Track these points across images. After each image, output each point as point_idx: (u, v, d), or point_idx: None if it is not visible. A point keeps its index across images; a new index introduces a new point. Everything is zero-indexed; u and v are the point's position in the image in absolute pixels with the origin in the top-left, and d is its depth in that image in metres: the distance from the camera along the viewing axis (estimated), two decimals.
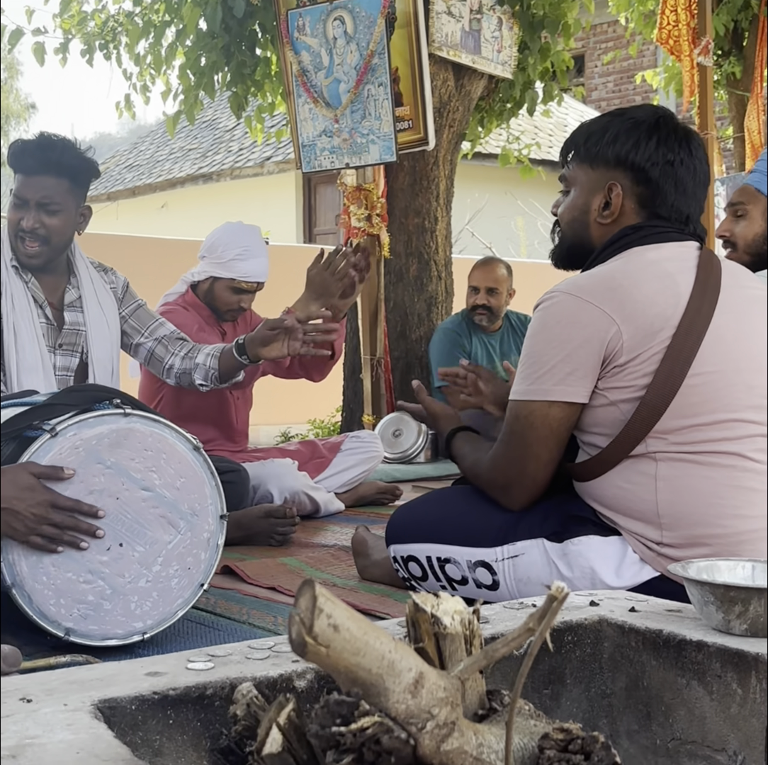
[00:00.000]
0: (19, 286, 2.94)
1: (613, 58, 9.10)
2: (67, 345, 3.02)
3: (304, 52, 5.29)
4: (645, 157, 2.06)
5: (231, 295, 3.80)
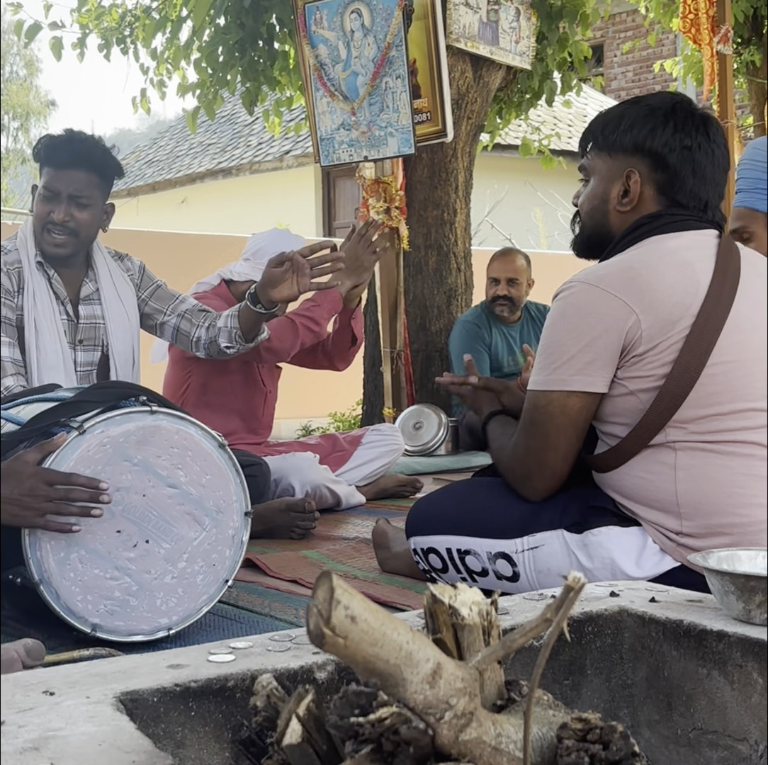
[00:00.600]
0: (41, 283, 2.95)
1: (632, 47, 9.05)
2: (87, 340, 3.03)
3: (322, 45, 5.29)
4: (662, 142, 2.06)
5: None
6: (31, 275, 2.94)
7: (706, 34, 5.72)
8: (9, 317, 2.90)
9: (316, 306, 3.71)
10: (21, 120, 27.53)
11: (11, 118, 27.41)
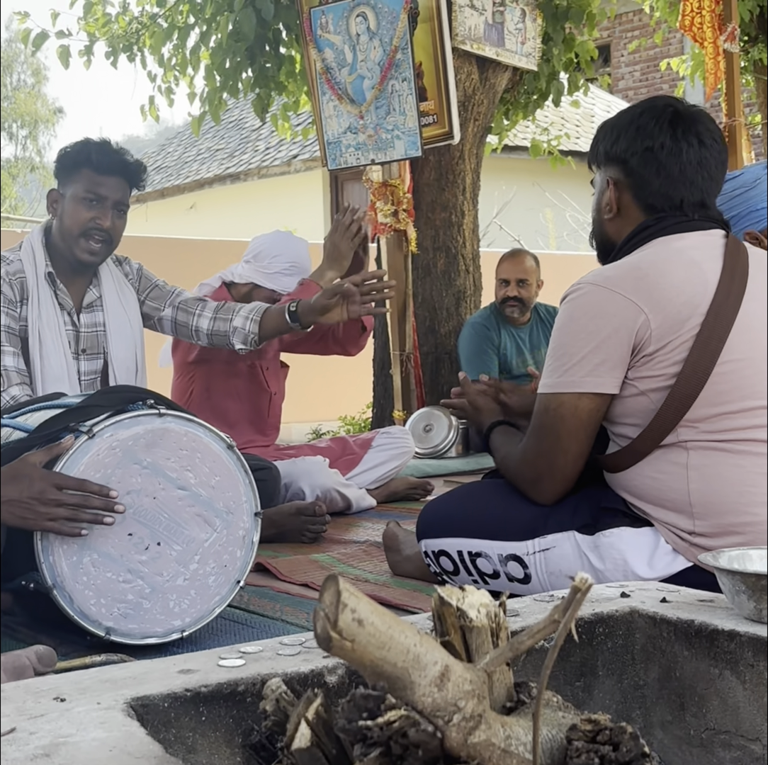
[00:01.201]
0: (47, 294, 2.94)
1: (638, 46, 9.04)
2: (90, 348, 3.03)
3: (328, 49, 5.29)
4: (624, 147, 2.10)
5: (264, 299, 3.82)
6: (36, 286, 2.93)
7: (710, 32, 5.71)
8: (12, 327, 2.89)
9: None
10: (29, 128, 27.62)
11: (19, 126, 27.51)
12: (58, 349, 2.92)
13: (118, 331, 3.05)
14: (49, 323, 2.92)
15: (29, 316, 2.91)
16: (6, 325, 2.87)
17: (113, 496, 1.95)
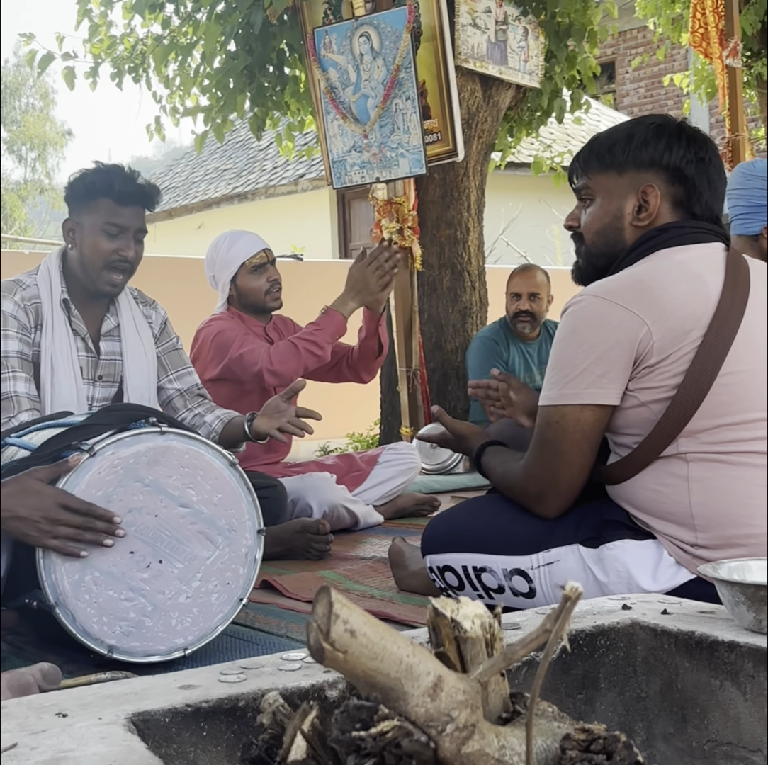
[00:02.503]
0: (61, 320, 2.92)
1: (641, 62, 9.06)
2: (106, 376, 3.03)
3: (332, 69, 5.33)
4: (679, 155, 2.08)
5: (255, 280, 3.89)
6: (51, 312, 2.91)
7: (717, 47, 5.74)
8: (25, 353, 2.89)
9: (319, 330, 3.73)
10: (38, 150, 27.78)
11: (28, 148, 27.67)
12: (69, 375, 2.92)
13: (135, 360, 3.05)
14: (62, 349, 2.91)
15: (42, 342, 2.90)
16: (19, 350, 2.87)
17: (117, 521, 1.97)
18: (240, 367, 3.69)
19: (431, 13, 5.21)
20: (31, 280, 2.96)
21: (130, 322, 3.06)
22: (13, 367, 2.84)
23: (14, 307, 2.87)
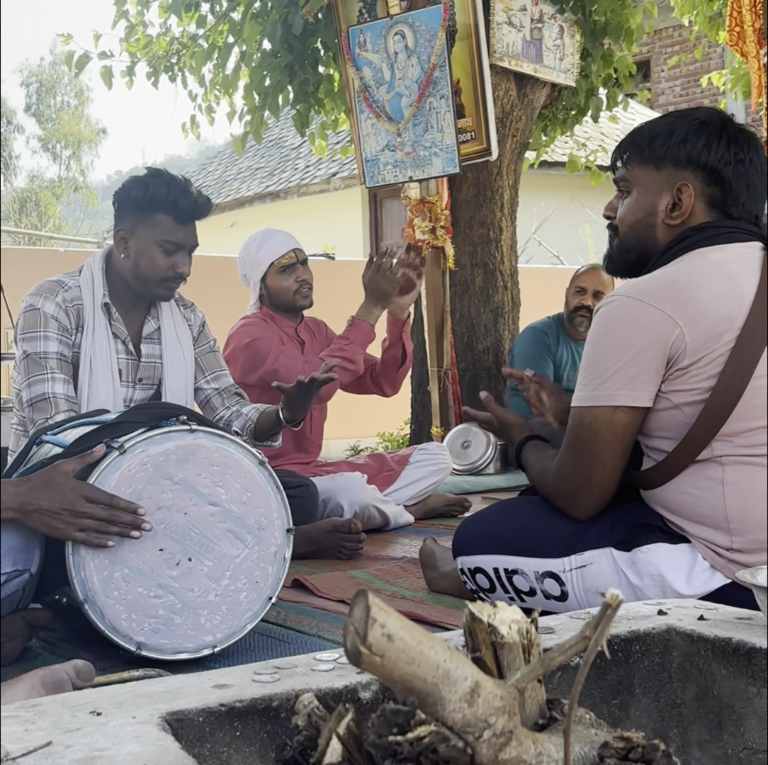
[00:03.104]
0: (102, 323, 2.93)
1: (678, 61, 8.99)
2: (146, 379, 3.04)
3: (366, 67, 5.33)
4: (718, 156, 2.04)
5: (284, 280, 3.89)
6: (93, 314, 2.92)
7: (753, 46, 5.68)
8: (65, 354, 2.90)
9: (349, 344, 3.75)
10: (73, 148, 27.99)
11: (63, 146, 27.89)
12: (107, 377, 2.93)
13: (174, 363, 3.06)
14: (101, 352, 2.93)
15: (82, 344, 2.92)
16: (59, 352, 2.88)
17: (141, 513, 1.97)
18: (274, 380, 3.71)
19: (466, 12, 5.19)
20: (73, 282, 2.96)
21: (170, 325, 3.07)
22: (52, 368, 2.85)
23: (55, 309, 2.89)
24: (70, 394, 2.87)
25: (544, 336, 5.37)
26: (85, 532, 1.94)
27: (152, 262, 2.92)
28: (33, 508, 1.93)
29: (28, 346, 2.86)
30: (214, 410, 3.18)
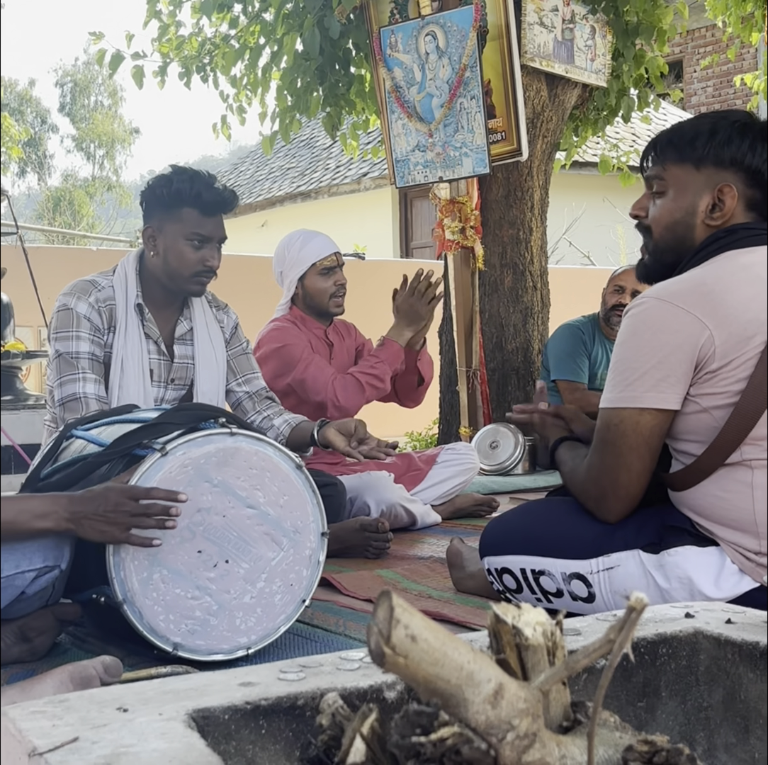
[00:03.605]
0: (134, 323, 2.95)
1: (710, 62, 8.93)
2: (178, 379, 3.06)
3: (397, 68, 5.33)
4: (763, 158, 2.03)
5: (323, 281, 3.91)
6: (125, 315, 2.94)
7: None
8: (97, 354, 2.92)
9: (379, 362, 3.79)
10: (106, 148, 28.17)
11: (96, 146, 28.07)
12: (138, 377, 2.95)
13: (206, 364, 3.08)
14: (133, 352, 2.95)
15: (114, 344, 2.94)
16: (90, 352, 2.90)
17: (182, 499, 1.96)
18: (302, 390, 3.76)
19: (498, 12, 5.18)
20: (106, 282, 2.98)
21: (203, 327, 3.09)
22: (84, 368, 2.88)
23: (88, 309, 2.91)
24: (101, 394, 2.89)
25: (580, 333, 5.34)
26: (130, 531, 1.95)
27: (181, 256, 2.94)
28: (83, 515, 1.94)
29: (60, 345, 2.89)
30: (245, 413, 3.20)
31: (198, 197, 2.89)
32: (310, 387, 3.73)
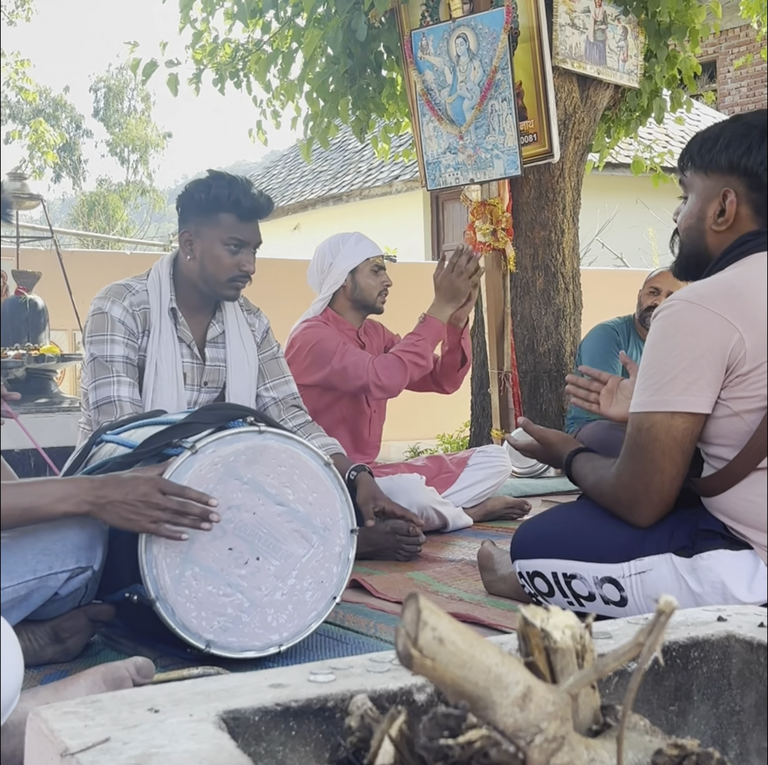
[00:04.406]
0: (168, 327, 2.97)
1: (744, 62, 8.87)
2: (211, 382, 3.08)
3: (428, 70, 5.33)
4: (758, 161, 2.03)
5: (374, 278, 3.96)
6: (159, 319, 2.96)
7: None
8: (131, 357, 2.94)
9: (421, 340, 3.77)
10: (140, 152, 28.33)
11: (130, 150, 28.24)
12: (172, 380, 2.97)
13: (238, 367, 3.09)
14: (167, 356, 2.96)
15: (149, 347, 2.96)
16: (125, 355, 2.92)
17: (213, 504, 1.98)
18: (342, 379, 3.74)
19: (529, 14, 5.18)
20: (141, 286, 3.00)
21: (234, 330, 3.10)
22: (118, 371, 2.90)
23: (122, 313, 2.93)
24: (135, 397, 2.91)
25: (614, 334, 5.32)
26: (157, 524, 1.97)
27: (218, 261, 2.96)
28: (107, 500, 1.95)
29: (95, 349, 2.91)
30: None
31: (236, 203, 2.91)
32: (351, 373, 3.72)
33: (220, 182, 2.94)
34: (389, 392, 3.74)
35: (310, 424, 3.24)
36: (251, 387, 3.14)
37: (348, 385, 3.75)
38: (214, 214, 2.94)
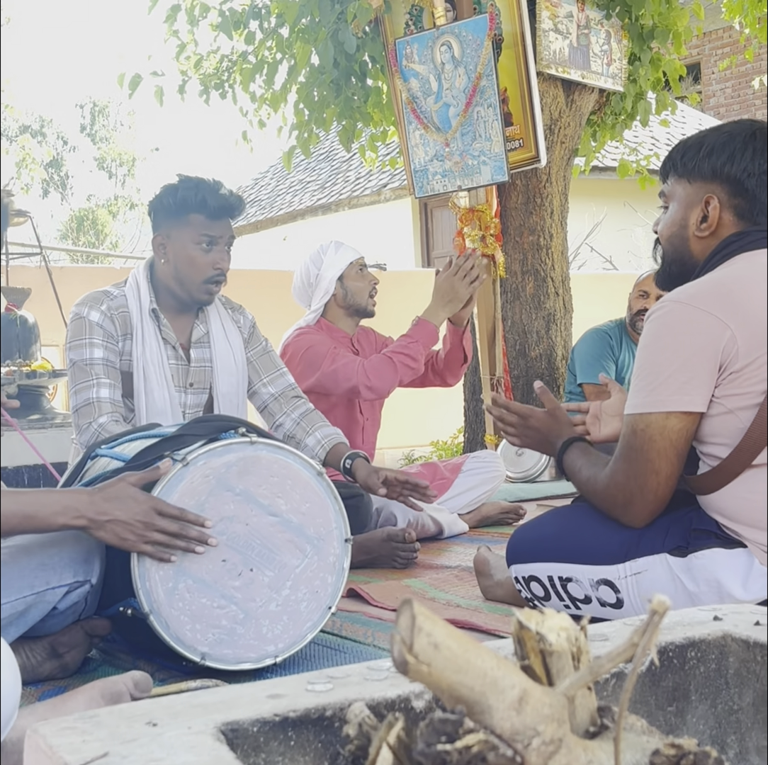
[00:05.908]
0: (150, 329, 2.98)
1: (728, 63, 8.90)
2: (197, 383, 3.08)
3: (413, 79, 5.34)
4: (741, 168, 2.05)
5: (361, 279, 3.98)
6: (141, 321, 2.97)
7: None
8: (111, 360, 2.95)
9: (413, 342, 3.76)
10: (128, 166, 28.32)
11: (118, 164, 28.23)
12: (161, 382, 2.98)
13: (224, 366, 3.09)
14: (152, 358, 2.97)
15: (133, 351, 2.96)
16: (105, 358, 2.93)
17: (208, 526, 1.99)
18: (333, 381, 3.73)
19: (512, 20, 5.20)
20: (119, 292, 3.03)
21: (219, 329, 3.11)
22: (98, 374, 2.91)
23: (100, 316, 2.95)
24: (116, 398, 2.92)
25: (607, 338, 5.33)
26: (153, 546, 1.97)
27: (191, 261, 2.97)
28: (107, 518, 1.95)
29: (74, 354, 2.93)
30: (273, 416, 3.21)
31: (203, 202, 2.93)
32: (341, 375, 3.71)
33: (187, 184, 2.97)
34: (378, 393, 3.73)
35: (312, 412, 3.23)
36: (239, 386, 3.14)
37: (339, 387, 3.74)
38: (184, 215, 2.96)
